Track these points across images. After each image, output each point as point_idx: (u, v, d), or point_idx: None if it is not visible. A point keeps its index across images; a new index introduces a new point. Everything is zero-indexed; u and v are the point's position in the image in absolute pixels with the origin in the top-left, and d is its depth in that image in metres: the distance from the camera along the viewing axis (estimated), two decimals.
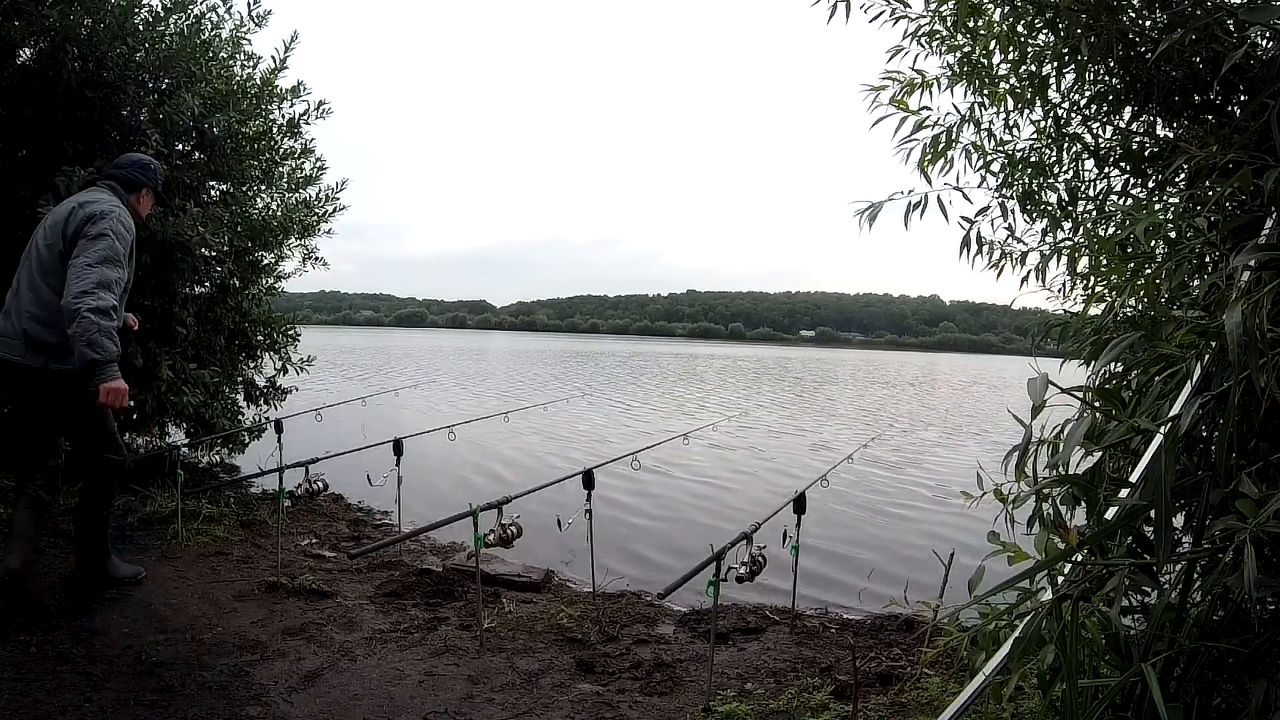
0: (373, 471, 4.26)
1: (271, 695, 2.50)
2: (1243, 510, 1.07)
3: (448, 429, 4.84)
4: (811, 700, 2.58)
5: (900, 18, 2.45)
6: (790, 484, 4.97)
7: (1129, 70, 1.95)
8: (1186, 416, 1.21)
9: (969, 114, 2.46)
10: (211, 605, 3.24)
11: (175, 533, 4.04)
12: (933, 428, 13.34)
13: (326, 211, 5.83)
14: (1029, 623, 1.16)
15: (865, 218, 2.36)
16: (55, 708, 2.30)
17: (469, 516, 2.95)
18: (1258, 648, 1.20)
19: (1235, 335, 1.04)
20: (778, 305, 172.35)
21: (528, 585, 3.92)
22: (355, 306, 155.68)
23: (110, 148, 4.20)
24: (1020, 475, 1.35)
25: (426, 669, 2.79)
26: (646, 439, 8.09)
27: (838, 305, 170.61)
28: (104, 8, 4.02)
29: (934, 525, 5.99)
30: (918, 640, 3.16)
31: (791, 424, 12.88)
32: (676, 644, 3.21)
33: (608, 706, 2.58)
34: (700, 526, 5.69)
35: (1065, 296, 2.51)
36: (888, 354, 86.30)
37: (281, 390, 5.98)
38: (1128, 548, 1.23)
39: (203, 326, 4.96)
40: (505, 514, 3.24)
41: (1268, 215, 1.43)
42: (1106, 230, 2.21)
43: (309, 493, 4.04)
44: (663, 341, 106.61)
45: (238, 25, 4.91)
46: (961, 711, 1.21)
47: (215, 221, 4.45)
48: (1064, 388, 1.20)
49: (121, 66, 4.15)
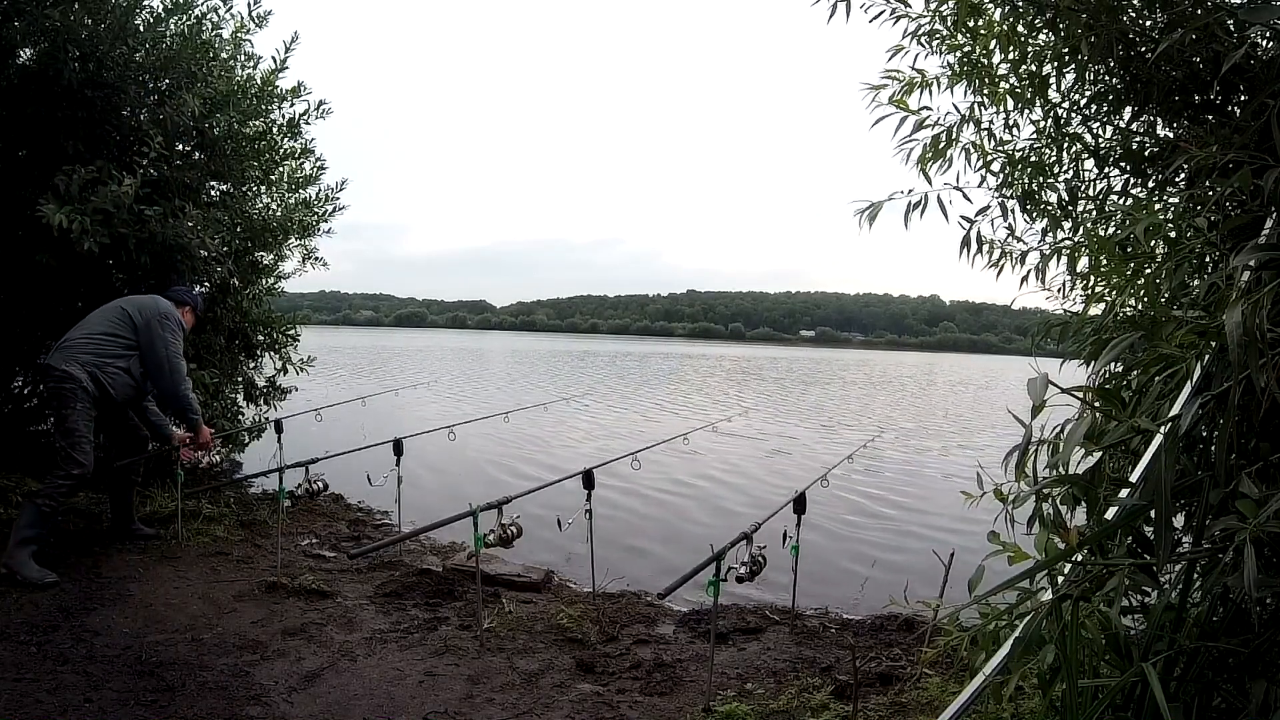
0: (373, 471, 4.26)
1: (271, 695, 2.50)
2: (1243, 510, 1.07)
3: (448, 429, 4.84)
4: (812, 700, 2.58)
5: (900, 17, 2.46)
6: (790, 484, 4.97)
7: (1129, 70, 1.95)
8: (1186, 416, 1.21)
9: (969, 114, 2.46)
10: (211, 605, 3.24)
11: (175, 533, 4.05)
12: (933, 428, 13.33)
13: (326, 211, 5.84)
14: (1029, 623, 1.16)
15: (865, 217, 2.36)
16: (55, 708, 2.30)
17: (469, 516, 2.95)
18: (1258, 648, 1.20)
19: (1235, 335, 1.04)
20: (778, 305, 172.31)
21: (528, 585, 3.92)
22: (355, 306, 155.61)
23: (111, 148, 4.20)
24: (1020, 475, 1.35)
25: (426, 669, 2.79)
26: (646, 439, 8.09)
27: (838, 305, 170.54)
28: (105, 8, 4.01)
29: (934, 525, 5.99)
30: (918, 640, 3.16)
31: (791, 423, 12.88)
32: (676, 644, 3.21)
33: (608, 706, 2.58)
34: (700, 526, 5.69)
35: (1065, 296, 2.51)
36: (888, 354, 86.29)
37: (281, 390, 5.98)
38: (1128, 548, 1.23)
39: (203, 327, 4.96)
40: (505, 514, 3.24)
41: (1268, 215, 1.42)
42: (1106, 230, 2.21)
43: (309, 493, 4.04)
44: (663, 342, 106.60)
45: (239, 26, 4.92)
46: (961, 711, 1.21)
47: (215, 222, 4.45)
48: (1064, 388, 1.20)
49: (122, 67, 4.15)
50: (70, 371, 3.44)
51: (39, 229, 3.61)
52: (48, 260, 3.88)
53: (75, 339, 3.54)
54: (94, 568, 3.52)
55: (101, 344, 3.57)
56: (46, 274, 4.03)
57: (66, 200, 3.66)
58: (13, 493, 4.20)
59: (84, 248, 3.64)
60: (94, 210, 3.69)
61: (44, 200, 3.59)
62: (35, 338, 4.51)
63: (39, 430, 4.91)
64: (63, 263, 3.92)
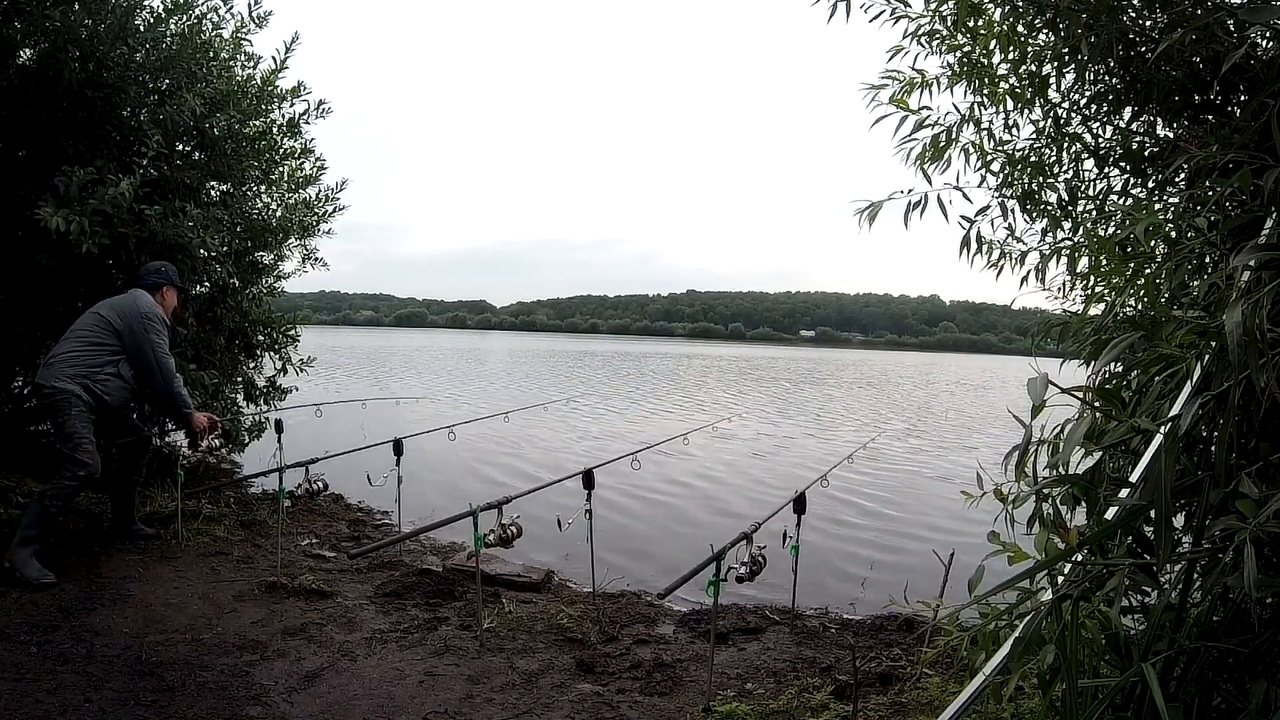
0: (373, 471, 4.26)
1: (271, 695, 2.50)
2: (1243, 510, 1.07)
3: (448, 429, 4.85)
4: (811, 700, 2.58)
5: (900, 17, 2.46)
6: (790, 484, 4.96)
7: (1129, 70, 1.95)
8: (1186, 416, 1.21)
9: (969, 114, 2.46)
10: (211, 605, 3.24)
11: (175, 533, 4.05)
12: (933, 428, 13.33)
13: (326, 212, 5.83)
14: (1029, 623, 1.16)
15: (865, 217, 2.36)
16: (55, 708, 2.30)
17: (469, 516, 2.95)
18: (1258, 648, 1.20)
19: (1235, 335, 1.04)
20: (778, 305, 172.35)
21: (528, 585, 3.92)
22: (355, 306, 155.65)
23: (110, 148, 4.20)
24: (1020, 475, 1.35)
25: (426, 669, 2.79)
26: (646, 439, 8.09)
27: (837, 305, 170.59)
28: (105, 8, 4.01)
29: (934, 525, 5.99)
30: (918, 640, 3.16)
31: (792, 424, 12.88)
32: (676, 644, 3.21)
33: (608, 706, 2.58)
34: (700, 526, 5.69)
35: (1065, 296, 2.51)
36: (888, 354, 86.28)
37: (281, 390, 5.98)
38: (1128, 548, 1.23)
39: (203, 327, 4.96)
40: (505, 514, 3.25)
41: (1268, 215, 1.42)
42: (1106, 230, 2.21)
43: (309, 493, 4.04)
44: (663, 342, 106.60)
45: (239, 26, 4.92)
46: (961, 711, 1.21)
47: (215, 222, 4.45)
48: (1064, 388, 1.20)
49: (122, 67, 4.15)
50: (60, 386, 3.44)
51: (39, 230, 3.60)
52: (48, 261, 3.88)
53: (60, 354, 3.53)
54: (94, 568, 3.52)
55: (87, 355, 3.56)
56: (46, 274, 4.03)
57: (65, 201, 3.65)
58: (13, 493, 4.20)
59: (83, 250, 3.65)
60: (93, 211, 3.69)
61: (43, 202, 3.59)
62: (35, 338, 4.50)
63: (39, 430, 4.90)
64: (63, 263, 3.92)
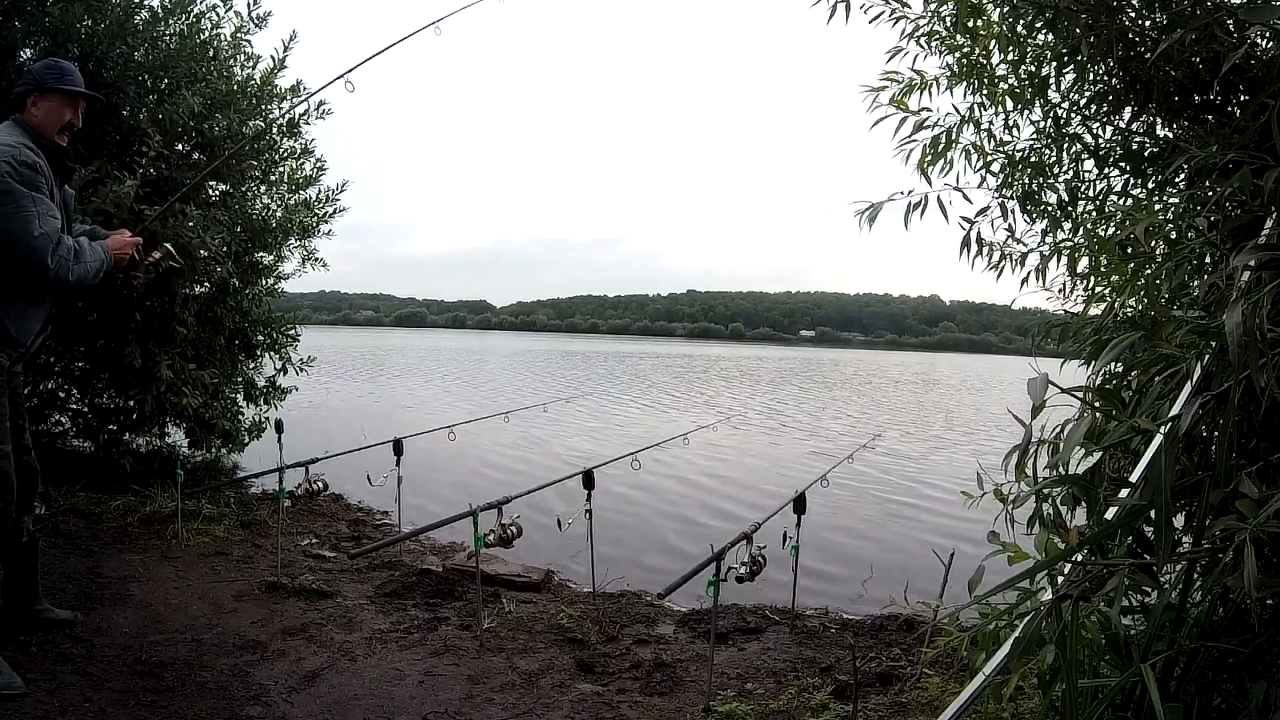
0: (373, 471, 4.26)
1: (271, 695, 2.50)
2: (1243, 510, 1.07)
3: (448, 429, 4.84)
4: (811, 700, 2.58)
5: (900, 18, 2.45)
6: (790, 484, 4.96)
7: (1129, 70, 1.95)
8: (1186, 416, 1.21)
9: (969, 114, 2.46)
10: (211, 605, 3.24)
11: (175, 533, 4.04)
12: (933, 428, 13.33)
13: (326, 213, 5.82)
14: (1029, 623, 1.16)
15: (865, 218, 2.36)
16: (55, 708, 2.30)
17: (469, 516, 2.95)
18: (1258, 648, 1.20)
19: (1235, 335, 1.04)
20: (778, 305, 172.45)
21: (528, 585, 3.92)
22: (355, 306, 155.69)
23: (110, 147, 4.20)
24: (1020, 475, 1.35)
25: (426, 669, 2.79)
26: (646, 439, 8.09)
27: (838, 305, 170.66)
28: (104, 8, 4.01)
29: (934, 525, 5.99)
30: (918, 640, 3.16)
31: (791, 424, 12.88)
32: (676, 644, 3.21)
33: (608, 706, 2.58)
34: (700, 526, 5.69)
35: (1065, 297, 2.52)
36: (888, 354, 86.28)
37: (281, 390, 5.97)
38: (1128, 548, 1.23)
39: (203, 327, 4.95)
40: (505, 514, 3.24)
41: (1268, 215, 1.43)
42: (1106, 230, 2.22)
43: (309, 493, 4.03)
44: (663, 342, 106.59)
45: (239, 26, 4.92)
46: (961, 711, 1.21)
47: (215, 222, 4.45)
48: (1064, 388, 1.20)
49: (122, 66, 4.15)
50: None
51: None
52: None
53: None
54: (94, 568, 3.51)
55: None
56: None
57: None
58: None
59: None
60: (94, 211, 3.69)
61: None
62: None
63: (39, 430, 4.90)
64: None
